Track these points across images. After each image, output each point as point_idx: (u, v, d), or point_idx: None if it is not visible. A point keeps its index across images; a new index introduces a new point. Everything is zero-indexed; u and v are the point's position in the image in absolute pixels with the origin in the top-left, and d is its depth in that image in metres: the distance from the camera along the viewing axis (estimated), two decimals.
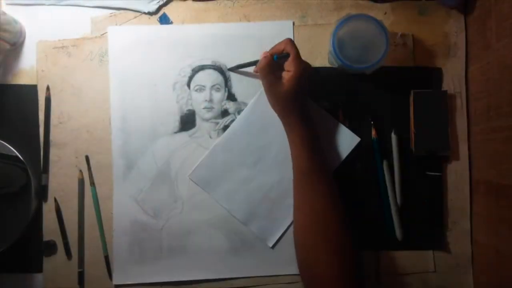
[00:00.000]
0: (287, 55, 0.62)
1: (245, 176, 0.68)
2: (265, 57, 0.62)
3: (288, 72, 0.61)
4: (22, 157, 0.66)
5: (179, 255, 0.68)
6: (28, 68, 0.70)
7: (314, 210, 0.60)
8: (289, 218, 0.67)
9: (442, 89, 0.68)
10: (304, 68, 0.61)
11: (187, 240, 0.68)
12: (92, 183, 0.68)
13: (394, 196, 0.67)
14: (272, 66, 0.62)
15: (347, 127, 0.68)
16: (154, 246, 0.68)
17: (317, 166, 0.61)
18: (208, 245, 0.68)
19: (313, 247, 0.58)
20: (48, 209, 0.68)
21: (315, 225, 0.59)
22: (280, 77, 0.62)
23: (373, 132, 0.67)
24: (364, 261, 0.67)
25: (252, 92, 0.69)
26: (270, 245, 0.67)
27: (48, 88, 0.69)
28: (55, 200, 0.68)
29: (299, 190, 0.62)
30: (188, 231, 0.68)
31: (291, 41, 0.62)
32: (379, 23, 0.62)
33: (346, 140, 0.68)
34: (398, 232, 0.67)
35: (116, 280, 0.67)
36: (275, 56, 0.62)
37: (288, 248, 0.66)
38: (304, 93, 0.63)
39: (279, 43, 0.63)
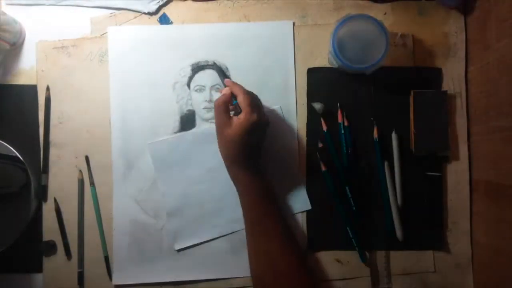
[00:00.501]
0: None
1: (196, 175, 0.68)
2: (224, 94, 0.61)
3: (238, 118, 0.59)
4: (22, 157, 0.66)
5: (179, 255, 0.68)
6: (28, 68, 0.70)
7: (269, 258, 0.59)
8: (206, 235, 0.67)
9: (442, 89, 0.68)
10: (255, 122, 0.58)
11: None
12: (92, 183, 0.68)
13: (394, 197, 0.67)
14: (227, 105, 0.60)
15: (347, 126, 0.68)
16: (154, 246, 0.68)
17: (264, 215, 0.60)
18: (207, 245, 0.68)
19: None
20: (48, 209, 0.68)
21: (270, 274, 0.58)
22: (232, 119, 0.60)
23: (375, 132, 0.67)
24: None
25: None
26: (176, 248, 0.67)
27: (48, 88, 0.69)
28: (55, 200, 0.68)
29: (250, 239, 0.61)
30: None
31: (248, 91, 0.61)
32: (379, 23, 0.62)
33: (299, 202, 0.68)
34: (398, 232, 0.67)
35: (116, 280, 0.67)
36: (234, 101, 0.61)
37: None
38: (252, 145, 0.61)
39: (237, 86, 0.61)
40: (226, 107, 0.60)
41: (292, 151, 0.68)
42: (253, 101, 0.60)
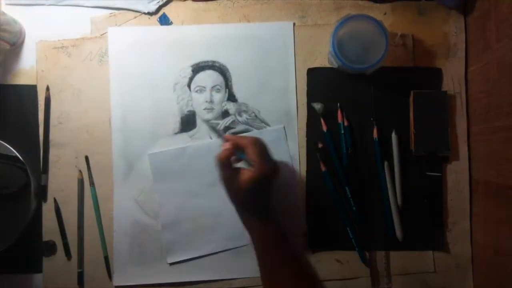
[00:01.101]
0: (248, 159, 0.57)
1: (193, 189, 0.68)
2: (225, 149, 0.57)
3: (248, 171, 0.56)
4: (21, 157, 0.65)
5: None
6: (28, 68, 0.70)
7: None
8: (200, 251, 0.67)
9: (442, 90, 0.68)
10: (267, 173, 0.56)
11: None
12: (92, 184, 0.68)
13: (394, 197, 0.67)
14: (229, 159, 0.57)
15: (347, 127, 0.68)
16: (155, 247, 0.68)
17: (282, 262, 0.56)
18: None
19: None
20: (47, 209, 0.68)
21: None
22: (239, 172, 0.56)
23: (375, 132, 0.67)
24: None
25: (252, 93, 0.69)
26: (169, 261, 0.67)
27: (47, 88, 0.69)
28: (55, 200, 0.68)
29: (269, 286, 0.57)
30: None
31: (256, 141, 0.58)
32: (379, 24, 0.62)
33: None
34: (398, 233, 0.67)
35: (116, 281, 0.67)
36: (240, 155, 0.58)
37: None
38: (266, 193, 0.58)
39: (243, 138, 0.59)
40: (229, 161, 0.57)
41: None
42: (262, 150, 0.57)
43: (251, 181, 0.55)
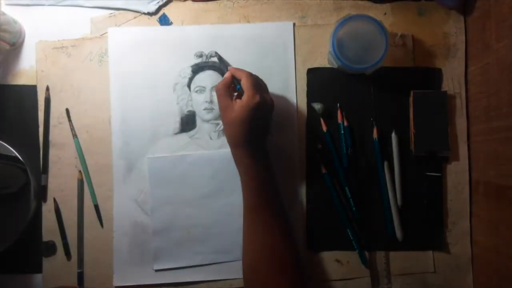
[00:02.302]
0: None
1: (188, 199, 0.68)
2: (224, 77, 0.61)
3: (241, 101, 0.58)
4: (21, 157, 0.65)
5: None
6: (28, 68, 0.70)
7: (264, 246, 0.58)
8: (188, 261, 0.67)
9: (442, 90, 0.68)
10: (258, 103, 0.57)
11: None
12: (75, 135, 0.68)
13: (394, 197, 0.67)
14: (228, 88, 0.60)
15: (346, 127, 0.68)
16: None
17: (266, 203, 0.59)
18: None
19: (263, 284, 0.56)
20: (47, 209, 0.68)
21: (265, 262, 0.57)
22: (234, 102, 0.59)
23: (375, 132, 0.67)
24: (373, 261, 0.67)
25: None
26: (155, 268, 0.67)
27: (47, 89, 0.69)
28: (55, 200, 0.68)
29: (248, 226, 0.60)
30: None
31: (251, 74, 0.61)
32: (378, 24, 0.62)
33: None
34: (398, 233, 0.67)
35: (117, 282, 0.67)
36: (238, 86, 0.60)
37: None
38: (257, 127, 0.60)
39: (240, 70, 0.61)
40: (227, 90, 0.60)
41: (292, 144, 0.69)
42: (256, 83, 0.60)
43: (242, 109, 0.57)
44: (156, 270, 0.67)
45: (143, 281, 0.67)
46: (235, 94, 0.61)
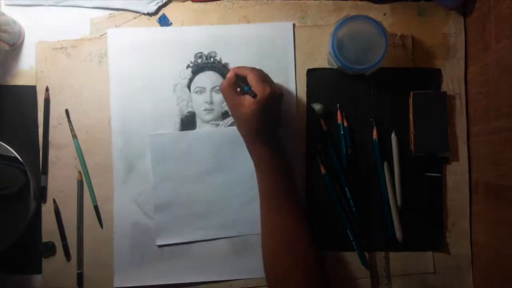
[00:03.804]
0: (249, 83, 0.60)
1: (190, 175, 0.68)
2: (228, 77, 0.61)
3: (250, 97, 0.58)
4: (21, 158, 0.65)
5: (180, 257, 0.67)
6: (27, 69, 0.69)
7: (281, 233, 0.58)
8: (190, 236, 0.67)
9: (442, 90, 0.68)
10: (270, 94, 0.58)
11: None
12: (74, 136, 0.68)
13: (394, 197, 0.67)
14: (234, 86, 0.60)
15: (346, 127, 0.68)
16: (155, 249, 0.67)
17: (282, 192, 0.60)
18: (209, 247, 0.68)
19: (282, 268, 0.57)
20: (47, 210, 0.68)
21: (283, 248, 0.57)
22: (244, 98, 0.59)
23: (374, 133, 0.67)
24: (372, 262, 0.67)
25: None
26: (158, 243, 0.67)
27: (47, 89, 0.69)
28: (54, 201, 0.68)
29: (265, 213, 0.60)
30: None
31: (255, 68, 0.61)
32: (378, 24, 0.62)
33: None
34: (398, 233, 0.67)
35: (117, 283, 0.67)
36: (246, 88, 0.60)
37: None
38: (270, 119, 0.60)
39: (244, 67, 0.61)
40: (233, 88, 0.60)
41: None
42: (262, 75, 0.60)
43: (254, 104, 0.57)
44: (159, 246, 0.67)
45: (143, 282, 0.67)
46: (238, 89, 0.61)
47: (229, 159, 0.68)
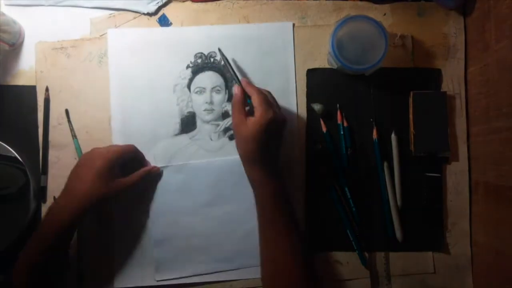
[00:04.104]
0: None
1: (189, 207, 0.67)
2: (236, 94, 0.60)
3: (254, 117, 0.58)
4: (21, 158, 0.65)
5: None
6: (27, 69, 0.69)
7: (278, 267, 0.58)
8: (190, 271, 0.66)
9: (442, 90, 0.68)
10: (270, 119, 0.57)
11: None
12: (74, 136, 0.68)
13: (394, 197, 0.67)
14: (243, 104, 0.60)
15: (346, 127, 0.68)
16: (156, 250, 0.67)
17: (278, 218, 0.59)
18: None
19: None
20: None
21: (279, 282, 0.57)
22: (249, 119, 0.58)
23: (374, 133, 0.67)
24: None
25: None
26: (157, 278, 0.66)
27: (47, 89, 0.69)
28: (54, 200, 0.68)
29: (263, 245, 0.60)
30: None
31: (261, 90, 0.61)
32: (378, 24, 0.62)
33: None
34: (398, 234, 0.67)
35: (117, 283, 0.67)
36: (248, 100, 0.60)
37: None
38: (270, 144, 0.59)
39: (251, 87, 0.61)
40: (241, 106, 0.59)
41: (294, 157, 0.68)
42: (267, 99, 0.60)
43: (255, 125, 0.57)
44: (158, 281, 0.66)
45: (144, 283, 0.67)
46: (247, 108, 0.61)
47: (228, 191, 0.67)
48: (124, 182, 0.63)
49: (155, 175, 0.67)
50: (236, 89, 0.61)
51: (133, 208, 0.68)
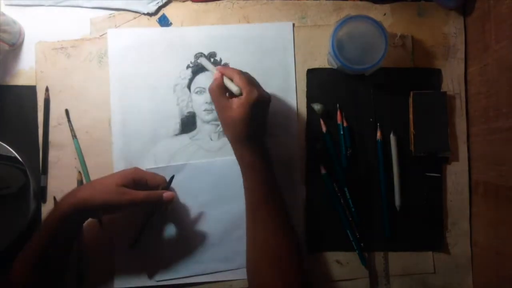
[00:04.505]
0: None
1: (188, 208, 0.67)
2: (215, 78, 0.60)
3: (240, 99, 0.58)
4: (21, 158, 0.65)
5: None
6: (27, 69, 0.69)
7: (266, 247, 0.58)
8: (189, 271, 0.66)
9: (442, 90, 0.68)
10: (257, 98, 0.57)
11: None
12: (74, 136, 0.68)
13: (393, 198, 0.67)
14: (222, 88, 0.60)
15: (346, 127, 0.68)
16: (155, 249, 0.67)
17: (267, 199, 0.59)
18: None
19: (263, 281, 0.57)
20: (47, 210, 0.68)
21: (266, 261, 0.57)
22: (231, 101, 0.59)
23: (378, 134, 0.67)
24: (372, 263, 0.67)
25: None
26: (157, 278, 0.66)
27: (47, 89, 0.69)
28: (55, 201, 0.68)
29: (251, 226, 0.60)
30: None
31: (242, 71, 0.60)
32: (378, 24, 0.62)
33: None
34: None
35: (117, 284, 0.67)
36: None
37: None
38: (258, 123, 0.60)
39: (230, 69, 0.61)
40: (221, 90, 0.60)
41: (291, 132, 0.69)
42: (250, 79, 0.60)
43: (242, 106, 0.57)
44: (158, 281, 0.66)
45: (144, 283, 0.67)
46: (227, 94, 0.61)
47: (229, 191, 0.67)
48: (134, 194, 0.60)
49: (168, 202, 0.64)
50: (216, 74, 0.60)
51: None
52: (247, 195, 0.61)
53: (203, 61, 0.65)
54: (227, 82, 0.60)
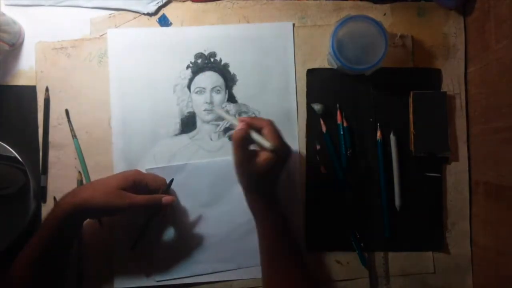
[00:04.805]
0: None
1: (188, 208, 0.67)
2: (241, 129, 0.55)
3: (265, 153, 0.55)
4: (21, 158, 0.65)
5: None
6: (27, 69, 0.69)
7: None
8: (188, 271, 0.66)
9: (442, 90, 0.68)
10: (285, 153, 0.56)
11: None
12: (74, 136, 0.68)
13: (393, 197, 0.67)
14: (246, 140, 0.55)
15: (346, 127, 0.68)
16: (155, 249, 0.67)
17: (285, 249, 0.59)
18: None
19: None
20: (47, 210, 0.67)
21: None
22: (254, 154, 0.56)
23: (378, 134, 0.67)
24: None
25: (252, 94, 0.69)
26: (157, 279, 0.66)
27: (47, 89, 0.69)
28: (55, 200, 0.68)
29: (269, 272, 0.59)
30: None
31: (272, 122, 0.57)
32: (378, 24, 0.62)
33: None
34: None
35: (117, 283, 0.67)
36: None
37: None
38: (276, 177, 0.59)
39: (259, 119, 0.59)
40: (245, 142, 0.56)
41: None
42: (279, 132, 0.57)
43: (269, 162, 0.54)
44: (158, 281, 0.66)
45: (144, 283, 0.67)
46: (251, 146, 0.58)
47: (229, 190, 0.67)
48: (134, 198, 0.59)
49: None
50: (241, 125, 0.55)
51: None
52: (262, 243, 0.60)
53: (221, 112, 0.63)
54: (256, 137, 0.56)
